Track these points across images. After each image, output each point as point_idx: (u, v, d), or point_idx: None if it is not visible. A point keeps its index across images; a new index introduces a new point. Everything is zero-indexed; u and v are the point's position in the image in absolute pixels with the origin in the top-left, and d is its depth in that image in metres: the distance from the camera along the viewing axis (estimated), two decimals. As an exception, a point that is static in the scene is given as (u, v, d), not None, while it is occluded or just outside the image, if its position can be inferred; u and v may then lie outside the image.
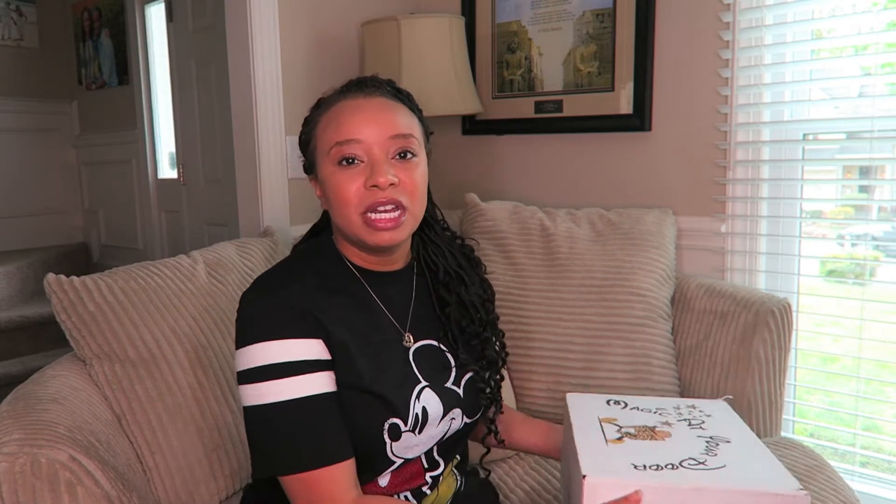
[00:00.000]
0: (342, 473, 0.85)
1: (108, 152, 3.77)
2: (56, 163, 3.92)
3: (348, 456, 0.86)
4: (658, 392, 1.51)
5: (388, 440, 0.90)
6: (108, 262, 3.13)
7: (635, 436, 0.89)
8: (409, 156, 0.93)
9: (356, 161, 0.90)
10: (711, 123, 1.77)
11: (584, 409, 0.97)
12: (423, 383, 0.94)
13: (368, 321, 0.95)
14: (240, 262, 1.45)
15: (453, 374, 0.99)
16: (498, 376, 1.06)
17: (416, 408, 0.91)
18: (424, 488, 0.97)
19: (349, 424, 0.88)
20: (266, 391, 0.84)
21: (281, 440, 0.85)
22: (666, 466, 0.81)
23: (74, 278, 1.18)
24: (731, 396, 1.12)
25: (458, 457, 1.05)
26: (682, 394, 1.55)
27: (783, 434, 1.57)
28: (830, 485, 1.25)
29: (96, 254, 3.97)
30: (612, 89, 1.91)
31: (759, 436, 1.48)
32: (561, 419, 1.04)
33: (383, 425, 0.89)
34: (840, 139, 1.77)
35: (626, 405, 1.00)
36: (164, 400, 1.16)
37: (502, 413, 1.11)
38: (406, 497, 0.96)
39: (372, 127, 0.90)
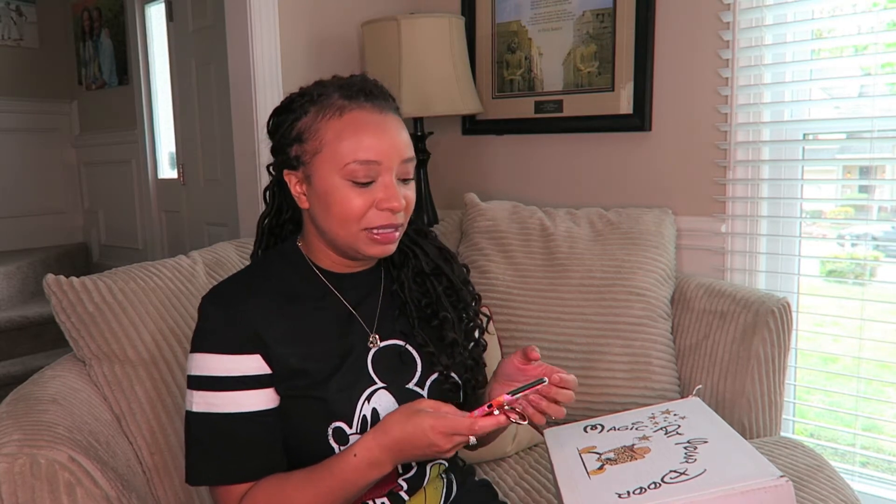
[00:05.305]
0: (242, 492, 0.88)
1: (108, 152, 3.78)
2: (56, 163, 3.93)
3: (252, 478, 0.88)
4: (658, 391, 1.52)
5: (334, 444, 0.89)
6: (108, 262, 3.13)
7: (615, 460, 0.90)
8: (409, 179, 0.95)
9: (371, 182, 0.90)
10: (711, 123, 1.77)
11: (563, 444, 0.99)
12: (379, 385, 0.93)
13: (330, 326, 0.95)
14: (240, 263, 1.45)
15: (418, 374, 0.97)
16: (478, 346, 1.05)
17: (364, 410, 0.90)
18: (401, 493, 0.95)
19: (294, 430, 0.90)
20: (193, 400, 0.89)
21: (198, 449, 0.89)
22: (649, 486, 0.82)
23: (74, 279, 1.18)
24: (700, 386, 1.13)
25: (443, 462, 1.01)
26: (682, 393, 1.55)
27: (783, 434, 1.57)
28: (830, 484, 1.25)
29: (96, 254, 3.97)
30: (612, 89, 1.91)
31: (758, 436, 1.48)
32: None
33: (327, 429, 0.89)
34: (840, 139, 1.77)
35: (602, 428, 1.01)
36: (164, 400, 1.16)
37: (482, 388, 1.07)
38: None
39: (391, 151, 0.91)
